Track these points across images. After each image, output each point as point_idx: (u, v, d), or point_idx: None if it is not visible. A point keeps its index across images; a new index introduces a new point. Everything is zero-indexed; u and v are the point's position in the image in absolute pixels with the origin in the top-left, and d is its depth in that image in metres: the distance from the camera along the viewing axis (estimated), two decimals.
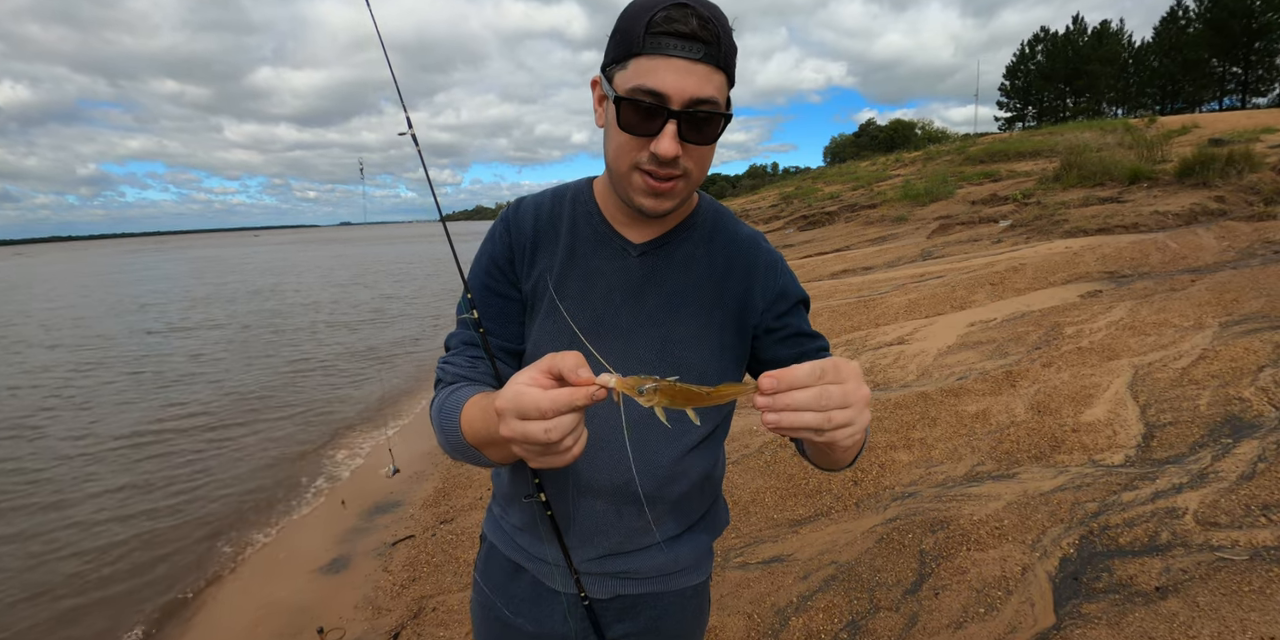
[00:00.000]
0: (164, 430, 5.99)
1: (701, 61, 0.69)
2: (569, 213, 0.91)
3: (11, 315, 15.94)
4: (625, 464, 0.87)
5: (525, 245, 0.90)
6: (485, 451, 0.77)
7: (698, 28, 0.68)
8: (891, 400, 4.10)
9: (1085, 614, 2.10)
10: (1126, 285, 5.85)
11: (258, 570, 3.45)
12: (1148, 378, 3.81)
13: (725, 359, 0.90)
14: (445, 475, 4.33)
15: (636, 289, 0.87)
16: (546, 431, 0.57)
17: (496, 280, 0.91)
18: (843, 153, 53.38)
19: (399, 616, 2.72)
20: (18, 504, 4.45)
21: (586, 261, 0.88)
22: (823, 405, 0.56)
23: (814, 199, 20.46)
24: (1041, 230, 9.18)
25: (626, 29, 0.71)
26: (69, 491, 4.64)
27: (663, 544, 0.94)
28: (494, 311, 0.91)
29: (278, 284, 21.52)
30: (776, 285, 0.91)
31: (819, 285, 8.56)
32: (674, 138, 0.72)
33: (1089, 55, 45.41)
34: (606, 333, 0.86)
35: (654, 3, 0.70)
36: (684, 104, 0.70)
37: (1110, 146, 13.29)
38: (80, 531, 4.02)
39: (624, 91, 0.72)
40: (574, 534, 0.91)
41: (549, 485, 0.90)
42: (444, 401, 0.83)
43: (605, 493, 0.89)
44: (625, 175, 0.78)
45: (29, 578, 3.50)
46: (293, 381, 7.75)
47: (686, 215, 0.91)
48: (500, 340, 0.91)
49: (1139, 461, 2.99)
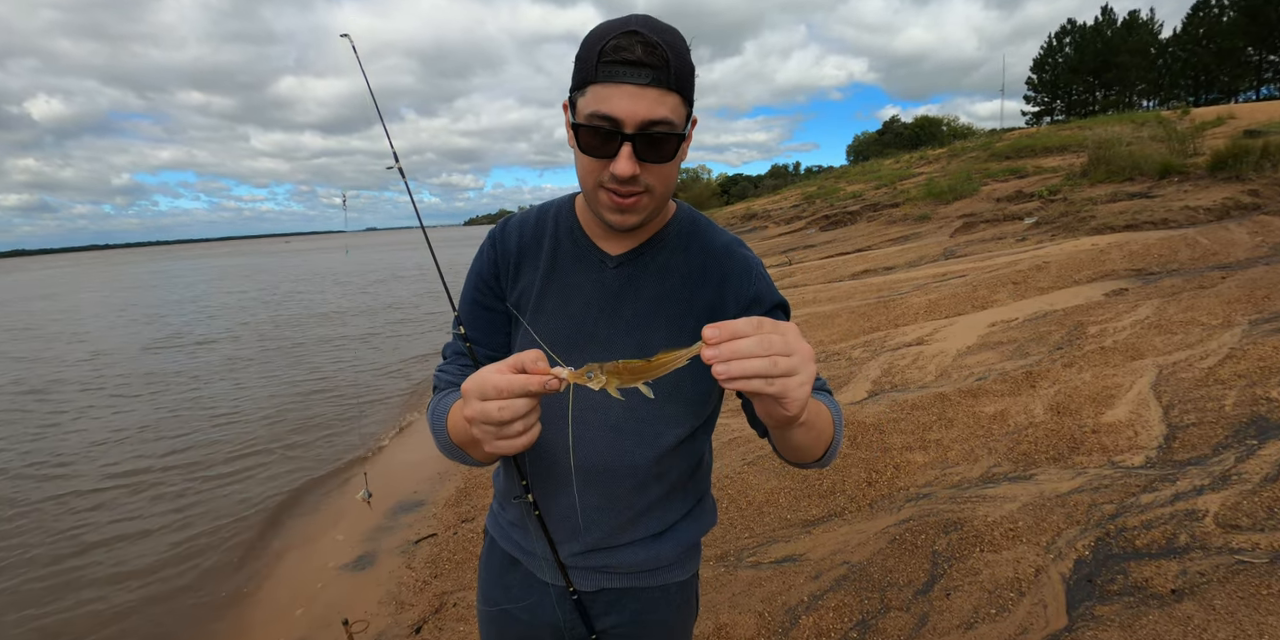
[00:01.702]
0: (206, 429, 6.19)
1: (650, 86, 0.74)
2: (551, 229, 0.97)
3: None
4: (605, 464, 0.93)
5: (510, 262, 0.97)
6: (468, 450, 0.85)
7: (643, 55, 0.73)
8: (909, 401, 4.08)
9: (1098, 616, 2.10)
10: (1154, 283, 5.74)
11: (288, 568, 3.56)
12: (1172, 378, 3.75)
13: (701, 365, 0.93)
14: (467, 476, 4.42)
15: (613, 299, 0.92)
16: (500, 409, 0.63)
17: (484, 295, 0.98)
18: (866, 151, 52.76)
19: (421, 611, 2.80)
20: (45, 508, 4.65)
21: (566, 275, 0.94)
22: (766, 350, 0.59)
23: (836, 198, 20.29)
24: (1067, 227, 9.03)
25: (584, 57, 0.76)
26: (111, 506, 4.83)
27: (644, 541, 0.98)
28: (482, 324, 0.98)
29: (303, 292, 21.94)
30: (750, 291, 0.94)
31: (838, 286, 8.52)
32: (630, 158, 0.77)
33: (1118, 46, 44.27)
34: (586, 341, 0.91)
35: (607, 31, 0.75)
36: (637, 127, 0.75)
37: (1142, 140, 12.98)
38: (126, 528, 4.19)
39: (583, 117, 0.77)
40: (559, 530, 0.97)
41: (536, 485, 0.96)
42: (435, 406, 0.92)
43: (588, 490, 0.94)
44: (592, 193, 0.84)
45: (79, 576, 3.67)
46: (324, 386, 7.94)
47: (661, 226, 0.95)
48: (487, 350, 0.98)
49: (1160, 463, 2.95)
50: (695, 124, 0.84)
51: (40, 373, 9.47)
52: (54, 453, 5.81)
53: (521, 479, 0.95)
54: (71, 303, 22.68)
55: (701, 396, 0.94)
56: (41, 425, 6.72)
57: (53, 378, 9.06)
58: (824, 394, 0.92)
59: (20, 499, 4.78)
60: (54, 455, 5.74)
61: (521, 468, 0.95)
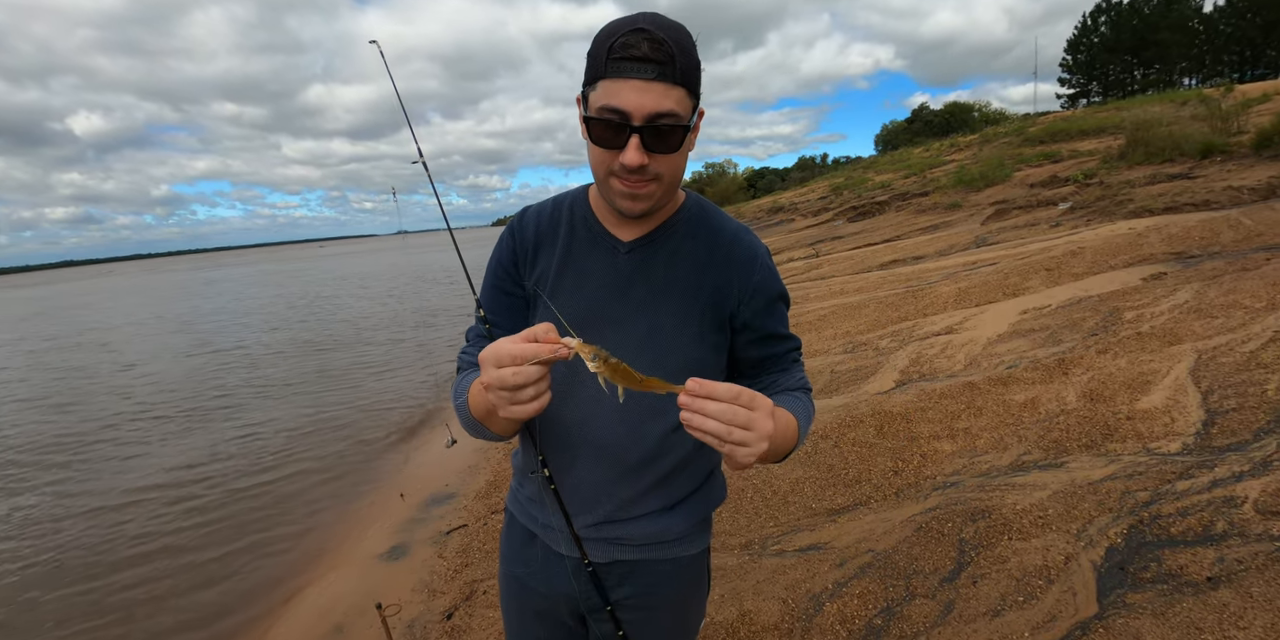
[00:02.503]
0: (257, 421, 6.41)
1: (657, 80, 0.78)
2: (567, 217, 1.01)
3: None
4: (616, 438, 0.97)
5: (528, 249, 1.02)
6: (487, 423, 0.90)
7: (649, 51, 0.77)
8: (937, 390, 4.03)
9: (1130, 603, 2.06)
10: (1194, 266, 5.56)
11: (325, 560, 3.69)
12: (1212, 362, 3.64)
13: (704, 347, 0.97)
14: (496, 469, 4.51)
15: (625, 283, 0.96)
16: (514, 374, 0.70)
17: (503, 281, 1.04)
18: (895, 140, 51.71)
19: (452, 598, 2.88)
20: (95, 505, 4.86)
21: (581, 260, 0.98)
22: (728, 420, 0.68)
23: (864, 189, 20.02)
24: (1104, 211, 8.77)
25: (594, 54, 0.81)
26: (164, 511, 5.04)
27: (655, 514, 1.01)
28: (502, 308, 1.04)
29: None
30: (753, 279, 0.97)
31: (866, 277, 8.42)
32: (638, 149, 0.81)
33: (1158, 23, 42.54)
34: (598, 323, 0.96)
35: (616, 29, 0.79)
36: (644, 119, 0.79)
37: (1182, 120, 12.52)
38: (181, 528, 4.38)
39: (594, 110, 0.82)
40: (574, 502, 1.01)
41: (552, 459, 1.01)
42: (457, 385, 0.98)
43: (600, 465, 0.99)
44: (604, 182, 0.89)
45: (138, 564, 3.85)
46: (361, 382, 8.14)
47: (671, 213, 0.99)
48: (507, 333, 1.01)
49: (1197, 449, 2.87)
50: (702, 116, 0.88)
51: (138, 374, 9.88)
52: (120, 445, 6.08)
53: (538, 453, 1.00)
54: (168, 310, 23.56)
55: (712, 377, 0.97)
56: (131, 432, 7.03)
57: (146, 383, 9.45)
58: (797, 396, 0.97)
59: (100, 489, 5.01)
60: (120, 446, 6.00)
61: (537, 442, 1.00)
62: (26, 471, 5.68)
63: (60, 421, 7.32)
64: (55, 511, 4.72)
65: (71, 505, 4.80)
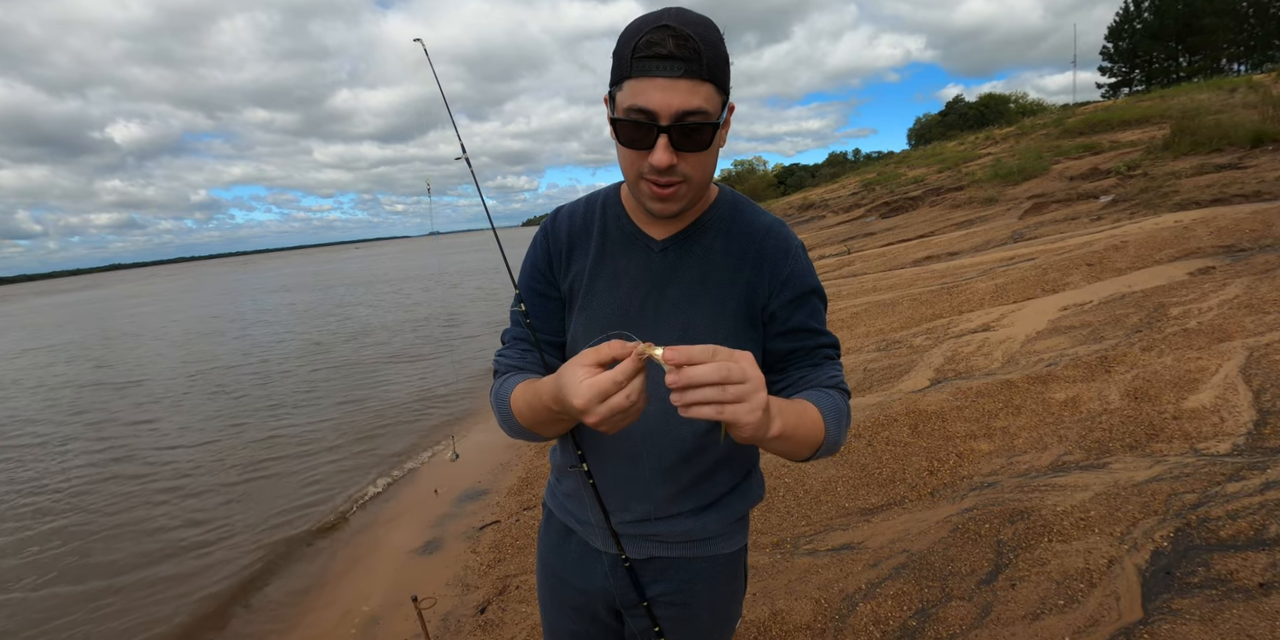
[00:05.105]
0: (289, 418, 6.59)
1: (683, 78, 0.77)
2: (600, 217, 1.01)
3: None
4: (655, 436, 0.97)
5: (562, 250, 1.02)
6: (538, 430, 0.92)
7: (675, 48, 0.75)
8: (973, 389, 3.95)
9: (1176, 609, 2.00)
10: (1244, 260, 5.34)
11: (362, 553, 3.77)
12: (1264, 360, 3.50)
13: (739, 344, 0.96)
14: (528, 466, 4.55)
15: (659, 282, 0.96)
16: (628, 397, 0.69)
17: (539, 282, 1.03)
18: (928, 134, 50.65)
19: (485, 592, 2.92)
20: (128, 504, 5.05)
21: (615, 260, 0.98)
22: (723, 377, 0.64)
23: (896, 184, 19.65)
24: (1148, 204, 8.49)
25: (620, 54, 0.80)
26: (196, 511, 5.21)
27: (693, 512, 1.02)
28: (538, 310, 1.03)
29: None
30: (783, 272, 0.96)
31: (899, 274, 8.29)
32: (666, 149, 0.80)
33: (1203, 7, 40.87)
34: (634, 322, 0.96)
35: (640, 27, 0.78)
36: (672, 118, 0.78)
37: (1231, 107, 12.03)
38: (218, 517, 4.53)
39: (621, 111, 0.81)
40: (612, 499, 1.02)
41: (591, 456, 1.01)
42: (498, 390, 0.98)
43: (638, 463, 0.99)
44: (634, 183, 0.88)
45: (184, 553, 4.00)
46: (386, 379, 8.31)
47: (704, 210, 0.98)
48: (545, 334, 1.03)
49: (1248, 450, 2.77)
50: (732, 111, 0.87)
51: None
52: (158, 438, 6.31)
53: (577, 449, 1.00)
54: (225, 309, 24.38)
55: None
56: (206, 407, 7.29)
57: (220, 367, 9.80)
58: (827, 392, 0.93)
59: (130, 474, 5.22)
60: (162, 435, 6.23)
61: (578, 440, 1.01)
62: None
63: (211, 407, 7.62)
64: (106, 495, 4.92)
65: (115, 484, 5.00)
